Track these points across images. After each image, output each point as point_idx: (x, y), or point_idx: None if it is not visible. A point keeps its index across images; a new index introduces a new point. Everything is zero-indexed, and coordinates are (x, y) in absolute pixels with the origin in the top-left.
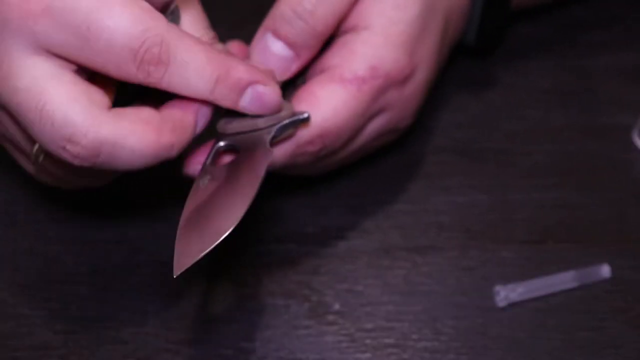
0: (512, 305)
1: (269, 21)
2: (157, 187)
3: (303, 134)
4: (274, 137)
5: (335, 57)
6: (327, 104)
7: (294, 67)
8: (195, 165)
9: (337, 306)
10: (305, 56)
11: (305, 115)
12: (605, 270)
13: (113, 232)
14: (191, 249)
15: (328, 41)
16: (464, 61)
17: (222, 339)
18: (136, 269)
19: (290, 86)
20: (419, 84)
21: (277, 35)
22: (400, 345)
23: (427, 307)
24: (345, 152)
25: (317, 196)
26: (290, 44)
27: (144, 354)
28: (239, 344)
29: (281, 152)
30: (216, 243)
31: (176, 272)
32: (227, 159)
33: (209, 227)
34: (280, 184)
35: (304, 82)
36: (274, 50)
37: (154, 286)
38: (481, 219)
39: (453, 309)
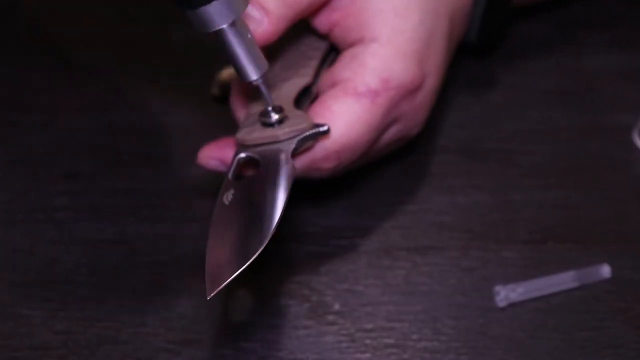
0: (512, 305)
1: None
2: (158, 187)
3: (319, 150)
4: (294, 150)
5: (346, 71)
6: (342, 119)
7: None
8: (207, 159)
9: (337, 306)
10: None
11: (326, 127)
12: (605, 270)
13: (113, 232)
14: (221, 271)
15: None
16: (465, 61)
17: (222, 339)
18: (136, 269)
19: (304, 96)
20: (429, 91)
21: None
22: (400, 345)
23: (427, 307)
24: (356, 162)
25: (318, 196)
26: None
27: (144, 354)
28: (239, 344)
29: (296, 166)
30: (246, 265)
31: (209, 294)
32: (248, 171)
33: (237, 248)
34: None
35: (316, 93)
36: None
37: (154, 286)
38: (482, 219)
39: (453, 309)
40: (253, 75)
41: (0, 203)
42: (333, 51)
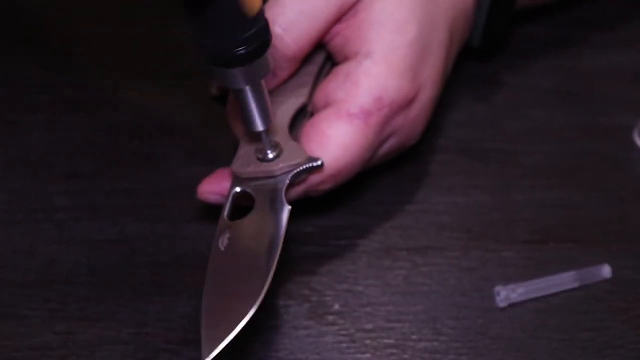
0: (513, 305)
1: None
2: (158, 187)
3: (315, 176)
4: (289, 185)
5: (339, 91)
6: (336, 143)
7: (272, 85)
8: (207, 195)
9: (337, 306)
10: (282, 75)
11: (319, 162)
12: (605, 271)
13: (113, 232)
14: (218, 330)
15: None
16: (467, 62)
17: None
18: (136, 269)
19: (299, 115)
20: (424, 104)
21: None
22: (400, 345)
23: (427, 307)
24: (354, 176)
25: (317, 196)
26: None
27: (144, 354)
28: (238, 344)
29: (293, 193)
30: (244, 322)
31: (204, 357)
32: (243, 202)
33: (234, 303)
34: None
35: (310, 112)
36: None
37: (154, 286)
38: (482, 219)
39: (453, 309)
40: (259, 127)
41: (0, 203)
42: (328, 61)
